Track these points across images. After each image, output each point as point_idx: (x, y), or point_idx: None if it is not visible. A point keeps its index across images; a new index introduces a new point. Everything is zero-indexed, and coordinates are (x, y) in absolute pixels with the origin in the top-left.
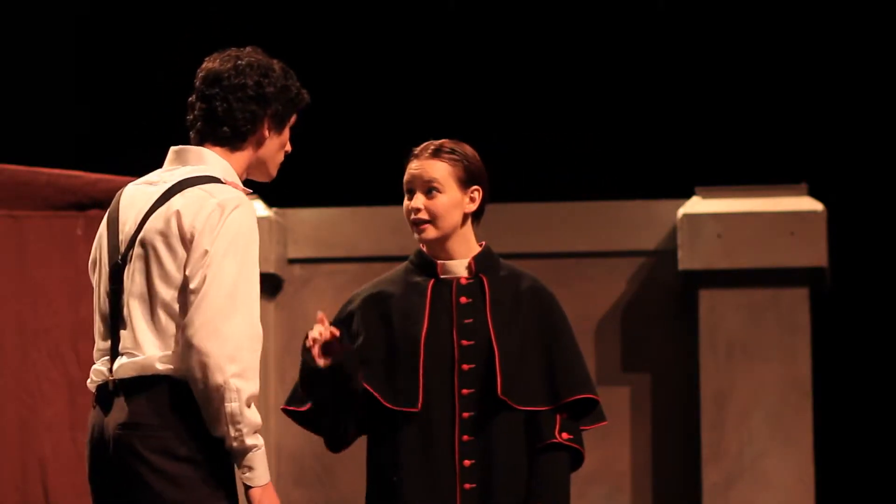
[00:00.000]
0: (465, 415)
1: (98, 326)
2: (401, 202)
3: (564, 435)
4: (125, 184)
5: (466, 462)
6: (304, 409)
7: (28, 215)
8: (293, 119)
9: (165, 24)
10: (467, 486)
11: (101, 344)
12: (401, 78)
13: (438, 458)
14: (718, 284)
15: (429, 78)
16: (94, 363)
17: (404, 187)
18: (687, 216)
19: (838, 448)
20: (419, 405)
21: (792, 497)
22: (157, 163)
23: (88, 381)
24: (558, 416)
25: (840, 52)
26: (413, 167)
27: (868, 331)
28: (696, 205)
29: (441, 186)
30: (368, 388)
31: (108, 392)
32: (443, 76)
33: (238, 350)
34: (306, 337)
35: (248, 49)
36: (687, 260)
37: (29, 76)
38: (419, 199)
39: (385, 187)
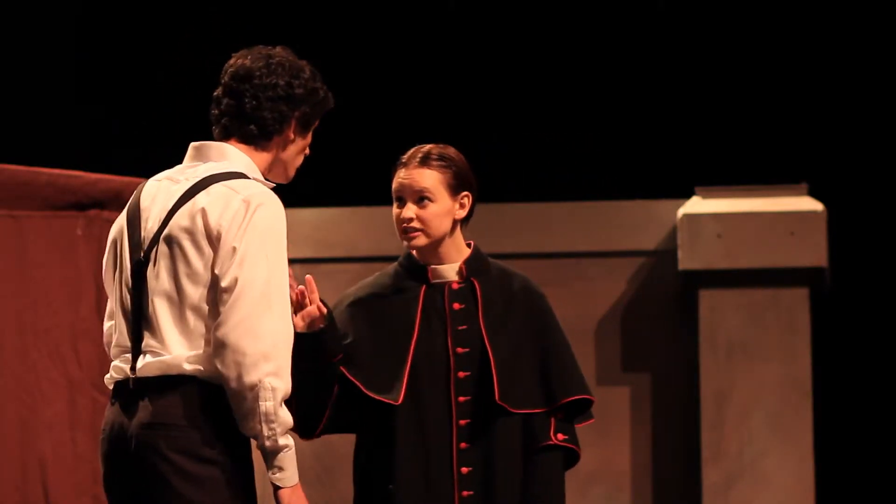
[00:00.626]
0: (462, 422)
1: (119, 323)
2: None
3: (560, 436)
4: (125, 184)
5: (464, 469)
6: None
7: (28, 215)
8: (317, 123)
9: (166, 24)
10: (465, 493)
11: (121, 341)
12: (400, 77)
13: (436, 465)
14: (718, 284)
15: (428, 77)
16: (114, 360)
17: (393, 195)
18: (687, 216)
19: (838, 448)
20: (400, 399)
21: (791, 497)
22: (158, 162)
23: (107, 377)
24: (553, 418)
25: (840, 52)
26: (402, 176)
27: (868, 331)
28: (696, 205)
29: (432, 195)
30: (351, 377)
31: (128, 390)
32: (442, 76)
33: (273, 348)
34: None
35: (279, 48)
36: (687, 260)
37: (29, 76)
38: (410, 209)
39: (384, 187)
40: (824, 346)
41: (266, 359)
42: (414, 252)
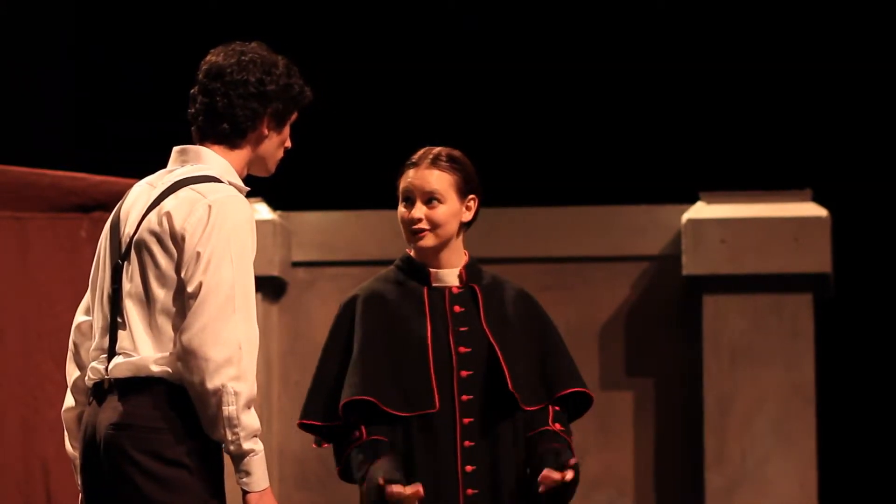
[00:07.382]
0: (466, 420)
1: (97, 324)
2: None
3: (557, 426)
4: (128, 185)
5: (468, 468)
6: (320, 423)
7: (32, 217)
8: (294, 116)
9: (166, 24)
10: (470, 491)
11: (99, 342)
12: (405, 81)
13: (440, 464)
14: (722, 290)
15: (432, 81)
16: (91, 362)
17: (401, 195)
18: (691, 221)
19: (841, 454)
20: (437, 405)
21: (794, 503)
22: (161, 164)
23: (86, 378)
24: (551, 408)
25: (845, 57)
26: (412, 176)
27: (871, 337)
28: (701, 210)
29: (441, 197)
30: (380, 404)
31: (102, 391)
32: (446, 80)
33: (236, 353)
34: (381, 485)
35: (254, 44)
36: (691, 265)
37: (31, 77)
38: (420, 209)
39: (389, 191)
40: (828, 351)
41: (229, 363)
42: (412, 254)
